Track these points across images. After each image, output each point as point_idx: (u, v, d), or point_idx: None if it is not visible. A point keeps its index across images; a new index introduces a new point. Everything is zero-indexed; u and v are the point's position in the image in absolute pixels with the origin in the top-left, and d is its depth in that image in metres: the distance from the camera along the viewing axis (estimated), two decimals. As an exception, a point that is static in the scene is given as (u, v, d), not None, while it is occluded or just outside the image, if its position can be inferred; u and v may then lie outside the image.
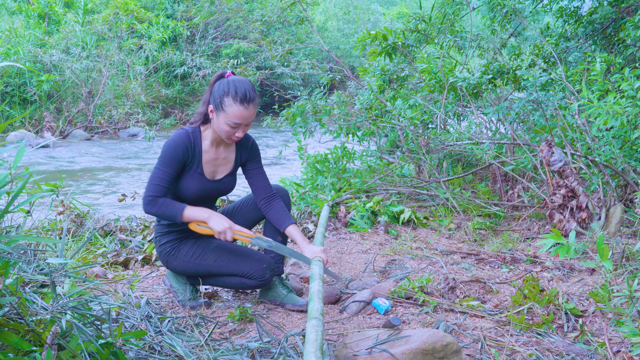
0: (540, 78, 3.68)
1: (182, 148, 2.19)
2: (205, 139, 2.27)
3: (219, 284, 2.38)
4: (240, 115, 2.13)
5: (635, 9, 4.62)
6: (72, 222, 3.58)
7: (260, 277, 2.29)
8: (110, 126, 10.82)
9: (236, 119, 2.14)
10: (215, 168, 2.32)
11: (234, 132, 2.18)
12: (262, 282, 2.30)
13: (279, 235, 2.43)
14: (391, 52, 5.07)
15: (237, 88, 2.12)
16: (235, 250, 2.32)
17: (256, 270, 2.28)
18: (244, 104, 2.12)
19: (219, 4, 13.05)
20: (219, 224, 2.19)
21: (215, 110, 2.16)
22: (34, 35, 11.85)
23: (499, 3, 4.94)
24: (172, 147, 2.18)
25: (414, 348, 1.77)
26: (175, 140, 2.19)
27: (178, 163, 2.19)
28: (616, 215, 3.25)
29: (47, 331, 1.40)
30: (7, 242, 1.34)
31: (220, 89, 2.14)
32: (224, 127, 2.16)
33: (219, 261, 2.30)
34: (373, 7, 21.72)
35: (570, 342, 2.02)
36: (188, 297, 2.40)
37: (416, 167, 4.86)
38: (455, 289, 2.50)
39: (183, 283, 2.42)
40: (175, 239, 2.33)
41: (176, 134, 2.22)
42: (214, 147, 2.29)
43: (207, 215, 2.20)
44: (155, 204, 2.16)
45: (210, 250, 2.31)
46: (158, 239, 2.35)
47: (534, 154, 3.73)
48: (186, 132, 2.22)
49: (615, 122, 2.89)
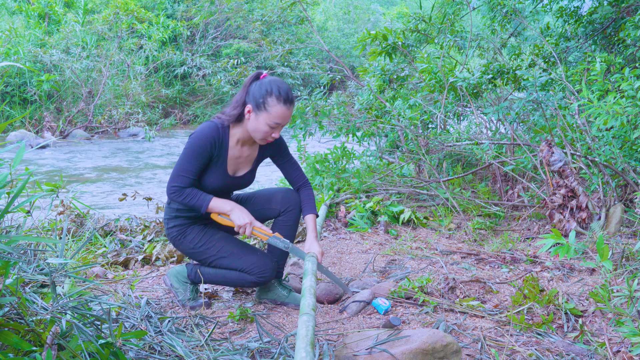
0: (540, 78, 3.68)
1: (211, 142, 2.18)
2: (233, 136, 2.26)
3: (218, 279, 2.37)
4: (283, 115, 2.15)
5: (635, 9, 4.62)
6: (72, 222, 3.58)
7: (261, 273, 2.28)
8: (110, 126, 10.82)
9: (278, 119, 2.15)
10: (237, 165, 2.32)
11: (272, 133, 2.19)
12: (262, 279, 2.30)
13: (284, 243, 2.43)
14: (391, 52, 5.07)
15: (280, 88, 2.14)
16: (240, 245, 2.33)
17: (257, 266, 2.28)
18: (287, 104, 2.15)
19: (219, 4, 13.05)
20: (241, 218, 2.20)
21: (256, 110, 2.15)
22: (34, 35, 11.85)
23: (499, 3, 4.94)
24: (202, 140, 2.17)
25: (414, 348, 1.77)
26: (205, 134, 2.18)
27: (206, 156, 2.19)
28: (616, 215, 3.25)
29: (47, 331, 1.40)
30: (7, 242, 1.34)
31: (263, 89, 2.14)
32: (263, 127, 2.16)
33: (222, 252, 2.30)
34: (373, 7, 21.72)
35: (570, 342, 2.02)
36: (188, 296, 2.40)
37: (416, 167, 4.86)
38: (455, 289, 2.50)
39: (183, 282, 2.42)
40: (182, 224, 2.33)
41: (206, 127, 2.20)
42: (239, 146, 2.29)
43: (230, 208, 2.21)
44: (182, 194, 2.17)
45: (215, 241, 2.31)
46: (166, 221, 2.36)
47: (534, 154, 3.73)
48: (216, 126, 2.21)
49: (615, 122, 2.89)
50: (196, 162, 2.17)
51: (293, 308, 2.41)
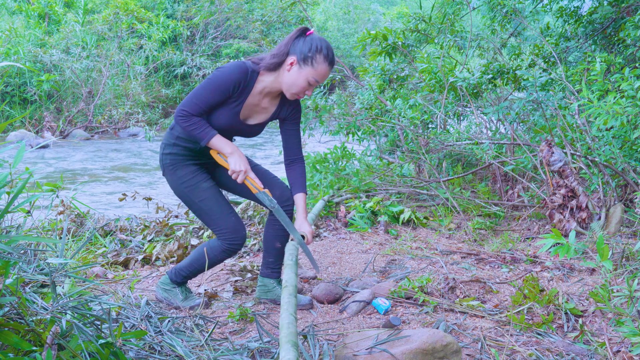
0: (540, 78, 3.68)
1: (235, 82, 2.14)
2: (260, 83, 2.21)
3: (193, 264, 2.35)
4: (325, 74, 2.17)
5: (635, 9, 4.62)
6: (72, 222, 3.58)
7: (231, 239, 2.25)
8: (110, 126, 10.82)
9: (319, 77, 2.16)
10: (251, 113, 2.28)
11: (306, 90, 2.18)
12: (231, 246, 2.27)
13: (278, 241, 2.42)
14: (391, 52, 5.07)
15: (328, 48, 2.16)
16: (222, 204, 2.28)
17: (230, 231, 2.25)
18: (331, 65, 2.17)
19: (219, 4, 13.05)
20: (238, 164, 2.18)
21: (302, 62, 2.14)
22: (34, 35, 11.85)
23: (499, 3, 4.94)
24: (227, 77, 2.13)
25: (414, 348, 1.77)
26: (232, 71, 2.14)
27: (226, 94, 2.15)
28: (616, 215, 3.25)
29: (47, 331, 1.40)
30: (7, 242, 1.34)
31: (313, 45, 2.13)
32: (302, 82, 2.15)
33: (204, 204, 2.26)
34: (373, 7, 21.70)
35: (570, 342, 2.02)
36: (180, 298, 2.39)
37: (416, 167, 4.86)
38: (455, 289, 2.50)
39: (171, 289, 2.40)
40: (177, 155, 2.28)
41: (236, 65, 2.15)
42: (261, 95, 2.24)
43: (231, 150, 2.18)
44: (189, 120, 2.12)
45: (202, 189, 2.27)
46: (163, 146, 2.31)
47: (534, 154, 3.72)
48: (246, 68, 2.16)
49: (615, 122, 2.89)
50: (213, 96, 2.13)
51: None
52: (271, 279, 2.45)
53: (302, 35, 2.18)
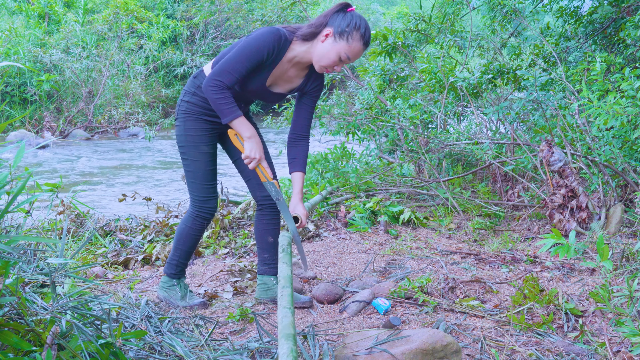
0: (540, 78, 3.68)
1: (269, 48, 2.09)
2: (291, 51, 2.18)
3: (179, 247, 2.37)
4: (358, 52, 2.14)
5: (635, 9, 4.62)
6: (72, 222, 3.58)
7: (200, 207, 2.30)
8: (110, 126, 10.82)
9: (352, 55, 2.12)
10: (277, 81, 2.26)
11: (336, 64, 2.14)
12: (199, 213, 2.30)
13: (270, 236, 2.42)
14: (391, 52, 5.07)
15: (367, 28, 2.12)
16: (210, 173, 2.30)
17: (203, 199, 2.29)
18: (365, 45, 2.14)
19: (219, 4, 13.04)
20: (253, 150, 2.15)
21: (338, 36, 2.10)
22: (34, 35, 11.85)
23: (499, 3, 4.94)
24: (262, 43, 2.08)
25: (414, 348, 1.77)
26: (267, 38, 2.09)
27: (259, 61, 2.10)
28: (616, 215, 3.25)
29: (47, 331, 1.40)
30: (7, 242, 1.34)
31: (353, 20, 2.10)
32: (333, 55, 2.12)
33: (195, 164, 2.27)
34: (373, 7, 21.69)
35: (570, 342, 2.02)
36: (179, 296, 2.39)
37: (416, 167, 4.86)
38: (455, 289, 2.50)
39: (170, 287, 2.41)
40: (194, 105, 2.25)
41: (269, 32, 2.10)
42: (290, 64, 2.21)
43: (249, 135, 2.14)
44: (219, 92, 2.06)
45: (199, 152, 2.27)
46: (184, 93, 2.28)
47: (534, 154, 3.72)
48: (280, 34, 2.12)
49: (615, 122, 2.89)
50: (248, 64, 2.08)
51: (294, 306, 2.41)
52: (269, 275, 2.45)
53: (343, 10, 2.15)
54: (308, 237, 3.55)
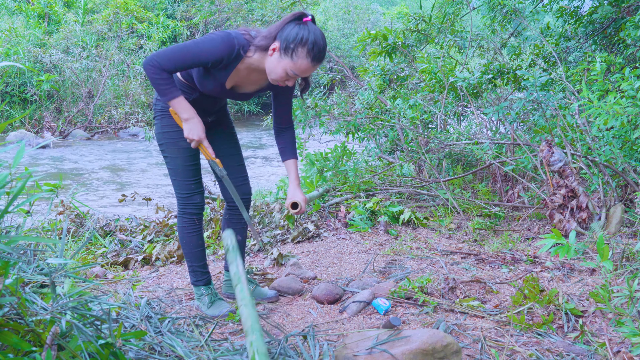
0: (540, 78, 3.68)
1: (217, 58, 2.03)
2: (245, 60, 2.09)
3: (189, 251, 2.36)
4: (306, 70, 2.02)
5: (635, 9, 4.62)
6: (72, 222, 3.58)
7: (185, 204, 2.28)
8: (110, 126, 10.82)
9: (298, 71, 2.01)
10: (240, 83, 2.21)
11: (286, 80, 2.06)
12: (185, 210, 2.29)
13: (238, 234, 2.42)
14: (391, 52, 5.07)
15: (315, 43, 1.97)
16: (191, 169, 2.27)
17: (186, 196, 2.27)
18: (314, 61, 2.00)
19: (219, 4, 13.03)
20: (192, 131, 2.11)
21: (282, 52, 1.99)
22: (34, 35, 11.84)
23: (499, 3, 4.94)
24: (211, 50, 2.02)
25: (414, 348, 1.77)
26: (218, 47, 2.02)
27: (203, 64, 2.05)
28: (616, 215, 3.24)
29: (47, 331, 1.40)
30: (7, 242, 1.33)
31: (299, 34, 1.97)
32: (280, 71, 2.02)
33: (175, 161, 2.26)
34: (373, 7, 21.69)
35: (570, 343, 2.02)
36: (207, 304, 2.36)
37: (416, 167, 4.87)
38: (455, 289, 2.50)
39: (200, 295, 2.39)
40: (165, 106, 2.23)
41: (223, 42, 2.03)
42: (248, 70, 2.14)
43: (187, 116, 2.10)
44: (159, 73, 2.01)
45: (178, 148, 2.24)
46: None
47: (534, 154, 3.72)
48: (233, 45, 2.03)
49: (615, 122, 2.89)
50: (189, 62, 2.03)
51: (257, 301, 2.48)
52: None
53: (297, 20, 2.03)
54: (308, 237, 3.55)
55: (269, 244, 3.42)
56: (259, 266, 3.02)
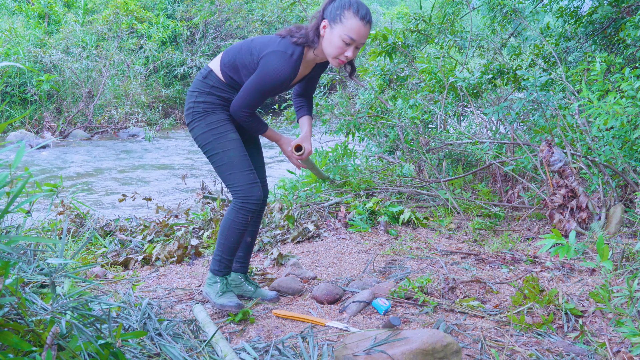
0: (540, 78, 3.68)
1: (287, 77, 2.16)
2: (305, 58, 2.22)
3: (224, 242, 2.32)
4: (358, 30, 2.08)
5: (635, 9, 4.62)
6: (72, 222, 3.58)
7: (246, 197, 2.25)
8: (110, 126, 10.81)
9: (352, 33, 2.08)
10: None
11: (345, 51, 2.12)
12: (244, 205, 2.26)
13: (249, 236, 2.47)
14: (391, 52, 5.07)
15: (359, 5, 2.10)
16: (245, 159, 2.28)
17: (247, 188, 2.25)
18: (363, 20, 2.09)
19: (219, 4, 13.03)
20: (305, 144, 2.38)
21: (331, 22, 2.11)
22: (34, 35, 11.84)
23: (499, 3, 4.94)
24: (278, 78, 2.14)
25: (414, 348, 1.77)
26: (283, 73, 2.14)
27: (281, 89, 2.23)
28: (616, 216, 3.24)
29: (47, 331, 1.40)
30: (7, 242, 1.33)
31: (341, 4, 2.10)
32: (337, 41, 2.10)
33: (228, 153, 2.25)
34: (373, 7, 21.69)
35: (570, 343, 2.02)
36: (217, 293, 2.34)
37: (416, 167, 4.86)
38: (455, 289, 2.50)
39: (213, 282, 2.37)
40: (211, 104, 2.27)
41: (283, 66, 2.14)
42: (303, 67, 2.27)
43: (280, 137, 2.40)
44: (251, 117, 2.24)
45: (228, 139, 2.26)
46: (195, 94, 2.28)
47: (534, 154, 3.72)
48: (294, 62, 2.15)
49: (615, 122, 2.89)
50: (267, 95, 2.21)
51: (259, 302, 2.49)
52: (239, 273, 2.51)
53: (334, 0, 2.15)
54: (308, 237, 3.55)
55: (269, 244, 3.42)
56: (259, 266, 3.02)
